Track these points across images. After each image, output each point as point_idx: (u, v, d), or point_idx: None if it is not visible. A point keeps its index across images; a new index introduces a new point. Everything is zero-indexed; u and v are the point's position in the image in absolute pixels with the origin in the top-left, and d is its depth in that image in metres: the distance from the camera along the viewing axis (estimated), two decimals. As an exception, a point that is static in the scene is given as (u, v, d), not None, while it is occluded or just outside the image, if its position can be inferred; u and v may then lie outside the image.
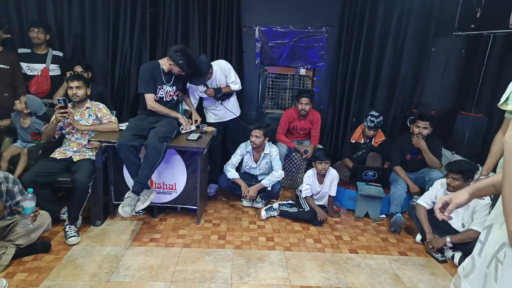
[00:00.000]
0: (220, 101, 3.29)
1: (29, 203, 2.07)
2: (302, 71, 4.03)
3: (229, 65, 3.31)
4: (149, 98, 2.78)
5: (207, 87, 3.20)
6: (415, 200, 3.15)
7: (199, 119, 3.22)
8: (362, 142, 3.55)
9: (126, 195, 2.54)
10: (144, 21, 3.61)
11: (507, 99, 1.70)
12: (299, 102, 3.53)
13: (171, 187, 2.93)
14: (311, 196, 3.18)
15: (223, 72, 3.26)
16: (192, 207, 2.96)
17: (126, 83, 3.74)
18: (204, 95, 3.24)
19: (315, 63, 3.94)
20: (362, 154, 3.57)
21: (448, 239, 2.54)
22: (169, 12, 3.60)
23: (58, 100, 2.66)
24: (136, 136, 2.62)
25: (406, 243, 2.85)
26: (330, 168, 3.20)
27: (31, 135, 3.06)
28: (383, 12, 3.62)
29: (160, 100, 2.85)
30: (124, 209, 2.45)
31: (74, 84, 2.73)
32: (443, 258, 2.59)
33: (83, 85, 2.78)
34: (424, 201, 2.81)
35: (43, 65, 3.35)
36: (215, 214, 3.14)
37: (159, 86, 2.82)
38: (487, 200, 2.45)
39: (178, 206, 3.03)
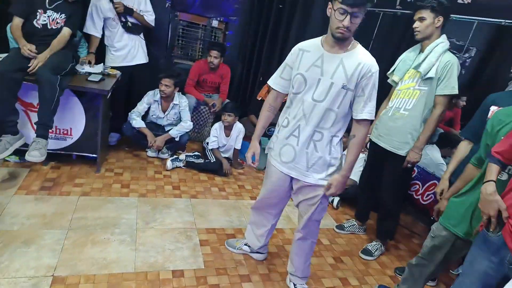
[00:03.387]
0: (129, 25, 2.98)
1: None
2: (215, 23, 3.94)
3: None
4: (15, 21, 2.39)
5: (113, 3, 2.87)
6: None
7: (93, 61, 2.93)
8: (268, 100, 3.76)
9: (32, 144, 2.26)
10: None
11: (393, 70, 2.20)
12: (209, 54, 3.49)
13: (65, 132, 2.64)
14: (217, 148, 3.29)
15: None
16: (91, 155, 2.75)
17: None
18: (110, 15, 2.90)
19: (229, 17, 3.89)
20: (267, 112, 3.79)
21: None
22: None
23: None
24: (18, 67, 2.26)
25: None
26: (237, 122, 3.33)
27: None
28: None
29: (43, 28, 2.46)
30: (32, 153, 2.21)
31: None
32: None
33: None
34: None
35: None
36: (117, 163, 2.99)
37: (39, 10, 2.43)
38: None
39: (74, 153, 2.77)
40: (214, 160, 3.22)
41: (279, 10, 3.82)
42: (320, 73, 1.53)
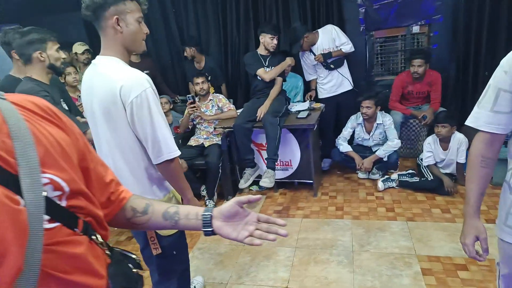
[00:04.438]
0: (332, 66, 3.35)
1: None
2: (415, 29, 3.65)
3: (336, 28, 3.36)
4: (261, 72, 3.03)
5: (315, 54, 3.32)
6: None
7: (313, 95, 3.52)
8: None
9: (264, 174, 2.87)
10: (247, 9, 3.85)
11: None
12: (411, 64, 3.26)
13: (287, 163, 3.16)
14: (435, 164, 2.96)
15: (329, 36, 3.30)
16: (308, 181, 3.13)
17: (238, 72, 4.10)
18: (315, 62, 3.37)
19: (431, 17, 3.52)
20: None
21: None
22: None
23: (188, 97, 3.16)
24: (249, 119, 2.96)
25: None
26: (456, 132, 2.89)
27: (174, 129, 3.70)
28: None
29: (264, 82, 3.06)
30: (264, 180, 2.81)
31: (200, 80, 3.19)
32: None
33: (206, 80, 3.22)
34: None
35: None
36: (331, 187, 3.25)
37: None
38: None
39: (295, 180, 3.24)
40: (432, 178, 2.91)
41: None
42: None
